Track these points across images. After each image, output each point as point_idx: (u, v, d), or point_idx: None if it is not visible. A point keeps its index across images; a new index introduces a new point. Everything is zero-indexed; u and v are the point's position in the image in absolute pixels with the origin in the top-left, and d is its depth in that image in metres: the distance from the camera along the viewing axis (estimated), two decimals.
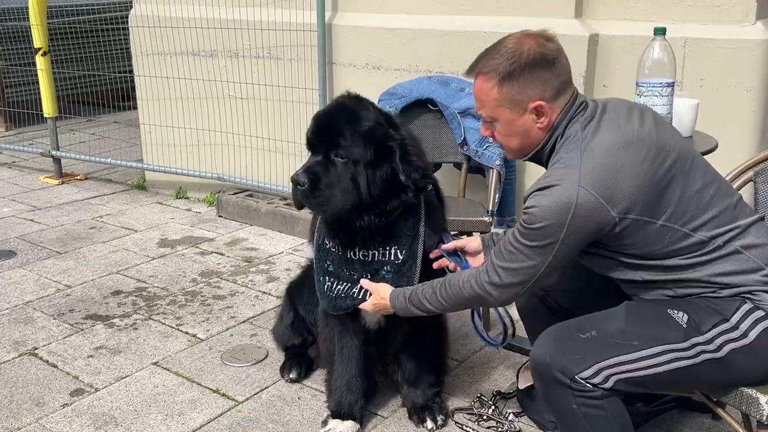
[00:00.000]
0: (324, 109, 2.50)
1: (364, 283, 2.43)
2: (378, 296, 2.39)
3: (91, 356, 3.15)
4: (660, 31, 2.60)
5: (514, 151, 2.12)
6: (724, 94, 3.34)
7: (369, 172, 2.32)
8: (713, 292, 1.97)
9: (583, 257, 2.07)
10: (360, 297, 2.46)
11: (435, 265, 2.44)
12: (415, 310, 2.29)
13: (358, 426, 2.62)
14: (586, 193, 1.86)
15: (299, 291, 2.97)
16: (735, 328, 1.91)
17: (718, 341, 1.91)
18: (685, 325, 1.93)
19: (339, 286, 2.50)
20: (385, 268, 2.46)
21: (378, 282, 2.43)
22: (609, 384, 1.93)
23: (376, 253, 2.46)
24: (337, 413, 2.63)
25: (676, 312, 1.96)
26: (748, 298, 1.93)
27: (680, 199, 1.93)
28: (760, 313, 1.91)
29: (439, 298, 2.21)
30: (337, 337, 2.62)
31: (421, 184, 2.37)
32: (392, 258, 2.45)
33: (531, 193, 1.97)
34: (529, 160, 2.13)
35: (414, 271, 2.46)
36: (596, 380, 1.93)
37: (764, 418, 1.90)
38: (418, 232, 2.45)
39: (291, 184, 2.38)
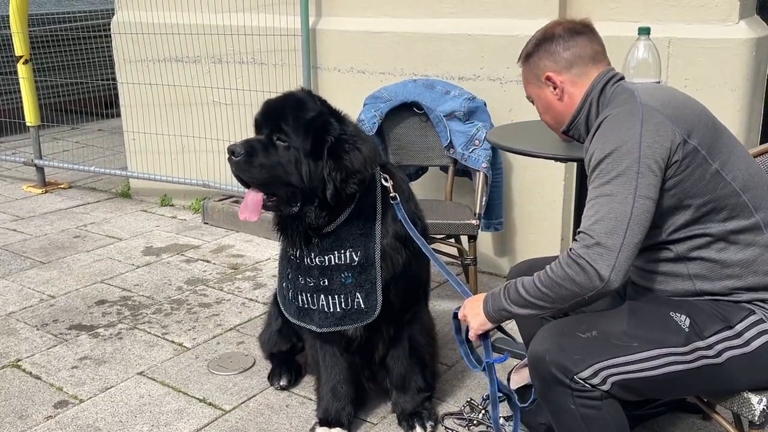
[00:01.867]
0: (275, 97, 2.48)
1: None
2: (473, 313, 2.16)
3: (76, 367, 3.11)
4: (644, 31, 2.60)
5: (551, 125, 2.21)
6: (709, 94, 3.34)
7: (309, 161, 2.31)
8: (728, 294, 1.93)
9: None
10: (313, 307, 2.47)
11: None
12: (516, 308, 1.99)
13: None
14: (650, 108, 1.87)
15: None
16: (738, 336, 1.88)
17: (719, 347, 1.88)
18: (687, 329, 1.90)
19: (300, 296, 2.50)
20: (343, 273, 2.43)
21: (336, 286, 2.43)
22: (607, 386, 1.90)
23: (332, 257, 2.42)
24: (325, 420, 2.60)
25: (678, 315, 1.93)
26: (760, 307, 1.90)
27: (731, 155, 1.92)
28: (766, 326, 1.89)
29: (537, 285, 1.93)
30: (319, 344, 2.59)
31: (341, 186, 2.31)
32: (348, 261, 2.41)
33: (591, 138, 1.96)
34: (569, 134, 2.16)
35: (374, 274, 2.41)
36: (594, 381, 1.90)
37: (756, 418, 1.88)
38: (372, 232, 2.41)
39: (226, 153, 2.34)
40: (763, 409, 1.87)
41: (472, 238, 3.34)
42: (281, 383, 2.89)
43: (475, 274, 3.36)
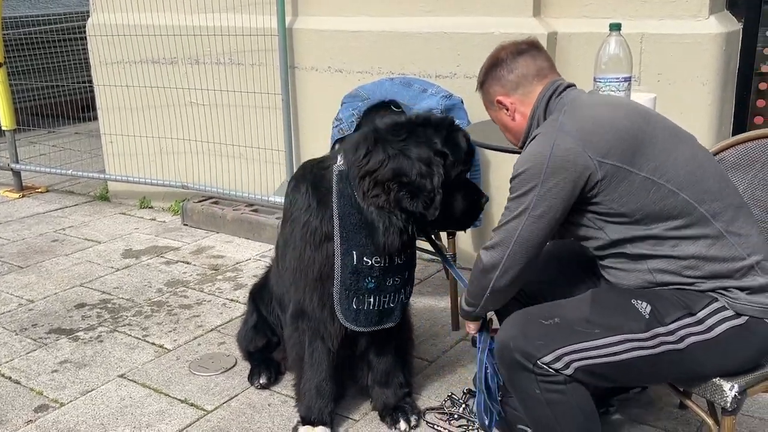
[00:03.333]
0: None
1: None
2: None
3: (56, 371, 3.09)
4: (615, 27, 2.63)
5: (513, 144, 2.33)
6: (680, 88, 3.39)
7: None
8: (691, 284, 1.97)
9: (571, 224, 2.08)
10: (393, 305, 2.53)
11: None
12: (465, 306, 2.30)
13: (329, 431, 2.60)
14: (563, 136, 1.95)
15: (261, 293, 2.95)
16: (700, 322, 1.92)
17: (680, 333, 1.92)
18: (647, 316, 1.95)
19: (379, 300, 2.50)
20: (408, 270, 2.57)
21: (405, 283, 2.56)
22: (570, 371, 1.95)
23: (406, 253, 2.53)
24: (308, 419, 2.61)
25: (639, 302, 1.98)
26: (723, 294, 1.94)
27: (666, 158, 1.96)
28: (729, 313, 1.92)
29: (469, 282, 2.25)
30: (308, 341, 2.59)
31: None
32: (410, 257, 2.56)
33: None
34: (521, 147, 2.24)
35: (413, 270, 2.64)
36: (557, 365, 1.95)
37: (728, 405, 1.92)
38: None
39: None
40: (735, 395, 1.91)
41: (451, 235, 3.37)
42: (261, 381, 2.90)
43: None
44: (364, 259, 2.41)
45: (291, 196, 2.55)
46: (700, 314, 1.93)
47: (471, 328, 2.39)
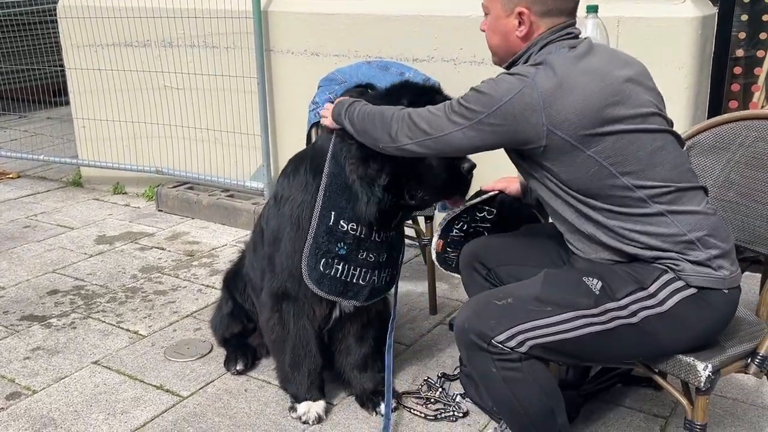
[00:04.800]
0: None
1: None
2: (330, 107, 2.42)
3: (28, 358, 3.04)
4: (592, 9, 2.63)
5: (493, 49, 2.18)
6: (656, 72, 3.32)
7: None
8: (636, 254, 1.98)
9: (527, 178, 2.13)
10: (362, 282, 2.49)
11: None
12: (345, 119, 2.30)
13: (326, 405, 2.63)
14: (531, 90, 1.90)
15: (235, 279, 2.92)
16: (652, 296, 1.93)
17: (633, 308, 1.94)
18: (597, 292, 1.96)
19: (348, 271, 2.46)
20: (394, 249, 2.55)
21: (389, 261, 2.53)
22: (524, 348, 1.98)
23: (392, 233, 2.51)
24: (302, 396, 2.61)
25: (590, 279, 2.00)
26: (670, 268, 1.95)
27: (620, 143, 1.93)
28: (679, 284, 1.93)
29: (369, 113, 2.22)
30: (293, 320, 2.56)
31: None
32: (396, 236, 2.56)
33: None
34: (506, 68, 2.14)
35: (400, 249, 2.65)
36: (511, 344, 1.98)
37: (702, 384, 1.94)
38: None
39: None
40: (709, 375, 1.92)
41: (429, 219, 3.35)
42: (238, 368, 2.88)
43: (431, 255, 3.37)
44: (341, 222, 2.41)
45: (290, 177, 2.52)
46: (652, 288, 1.94)
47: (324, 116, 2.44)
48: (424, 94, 2.37)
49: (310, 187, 2.44)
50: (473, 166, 2.35)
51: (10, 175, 5.69)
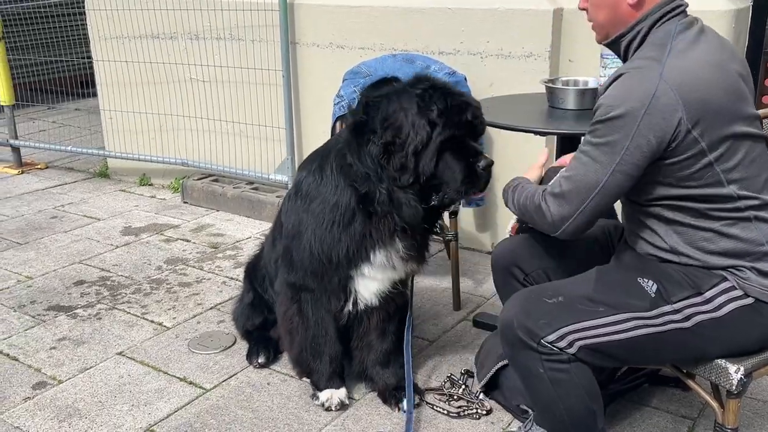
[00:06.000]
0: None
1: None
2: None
3: (54, 348, 3.07)
4: None
5: (599, 25, 2.03)
6: None
7: None
8: (701, 259, 1.93)
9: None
10: None
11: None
12: (506, 197, 2.24)
13: (347, 392, 2.65)
14: (666, 87, 1.78)
15: (255, 271, 2.94)
16: (708, 301, 1.89)
17: (687, 312, 1.89)
18: (653, 295, 1.91)
19: None
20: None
21: None
22: (573, 349, 1.92)
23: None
24: (323, 384, 2.63)
25: (646, 281, 1.94)
26: (733, 273, 1.90)
27: (736, 145, 1.86)
28: (738, 293, 1.89)
29: (518, 196, 2.15)
30: (312, 311, 2.57)
31: None
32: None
33: (606, 86, 1.91)
34: (609, 45, 2.04)
35: None
36: (561, 344, 1.92)
37: (733, 387, 1.89)
38: None
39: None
40: (740, 378, 1.88)
41: (453, 214, 3.33)
42: (260, 361, 2.88)
43: (456, 250, 3.35)
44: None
45: (315, 174, 2.47)
46: (708, 293, 1.89)
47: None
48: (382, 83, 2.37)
49: (342, 189, 2.39)
50: (490, 163, 2.31)
51: (39, 166, 5.76)
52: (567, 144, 2.77)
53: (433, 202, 2.36)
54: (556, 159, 2.82)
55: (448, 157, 2.28)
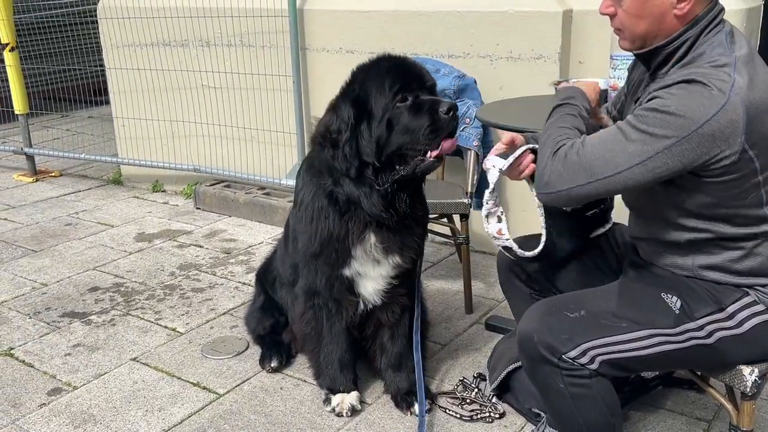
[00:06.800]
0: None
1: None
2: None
3: (69, 354, 3.10)
4: None
5: (636, 36, 1.87)
6: None
7: None
8: (724, 279, 1.90)
9: (649, 190, 1.87)
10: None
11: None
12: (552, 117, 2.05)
13: (359, 395, 2.66)
14: (737, 102, 1.66)
15: (266, 274, 2.97)
16: (730, 317, 1.87)
17: (709, 328, 1.87)
18: (677, 311, 1.89)
19: None
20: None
21: None
22: (595, 365, 1.89)
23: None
24: (336, 389, 2.64)
25: (669, 296, 1.91)
26: (756, 290, 1.88)
27: None
28: (760, 307, 1.87)
29: (557, 123, 1.98)
30: (325, 316, 2.60)
31: None
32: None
33: (664, 86, 1.76)
34: (640, 55, 1.91)
35: None
36: (583, 360, 1.89)
37: (748, 389, 1.88)
38: None
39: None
40: (755, 380, 1.87)
41: (464, 217, 3.32)
42: (272, 365, 2.89)
43: (467, 253, 3.34)
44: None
45: (304, 177, 2.52)
46: (730, 309, 1.87)
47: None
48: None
49: (315, 194, 2.43)
50: (452, 105, 2.20)
51: (53, 174, 5.81)
52: None
53: (399, 174, 2.27)
54: None
55: (403, 120, 2.23)
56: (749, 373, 1.87)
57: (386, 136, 2.24)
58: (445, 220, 3.44)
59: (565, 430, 2.05)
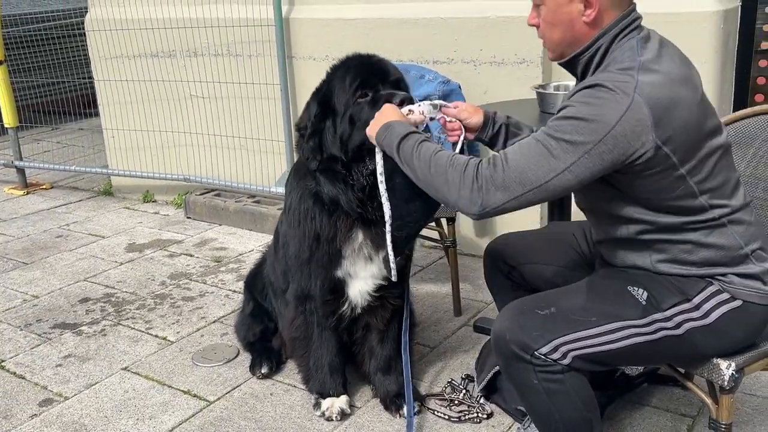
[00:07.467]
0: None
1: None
2: (378, 121, 2.14)
3: (60, 365, 3.11)
4: None
5: (554, 44, 1.98)
6: None
7: None
8: (683, 272, 1.94)
9: (590, 191, 1.96)
10: None
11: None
12: (398, 156, 2.03)
13: (348, 399, 2.68)
14: (640, 102, 1.74)
15: (255, 281, 2.99)
16: (697, 308, 1.90)
17: (678, 319, 1.90)
18: (644, 302, 1.92)
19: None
20: None
21: None
22: (567, 360, 1.92)
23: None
24: (325, 393, 2.66)
25: (636, 289, 1.95)
26: (718, 280, 1.92)
27: (707, 156, 1.86)
28: (725, 296, 1.90)
29: (430, 161, 1.95)
30: (316, 321, 2.62)
31: None
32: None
33: (576, 91, 1.85)
34: (565, 65, 2.00)
35: None
36: (555, 356, 1.92)
37: (726, 383, 1.91)
38: None
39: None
40: (732, 374, 1.89)
41: (451, 221, 3.35)
42: (263, 371, 2.91)
43: (455, 256, 3.37)
44: None
45: (292, 182, 2.55)
46: (696, 299, 1.90)
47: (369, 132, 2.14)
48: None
49: (301, 197, 2.47)
50: (404, 98, 2.21)
51: (44, 186, 5.82)
52: None
53: (368, 168, 2.29)
54: None
55: (363, 115, 2.25)
56: (726, 368, 1.90)
57: (349, 131, 2.29)
58: (433, 224, 3.47)
59: (542, 426, 2.08)
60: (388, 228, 2.23)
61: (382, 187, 2.19)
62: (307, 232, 2.45)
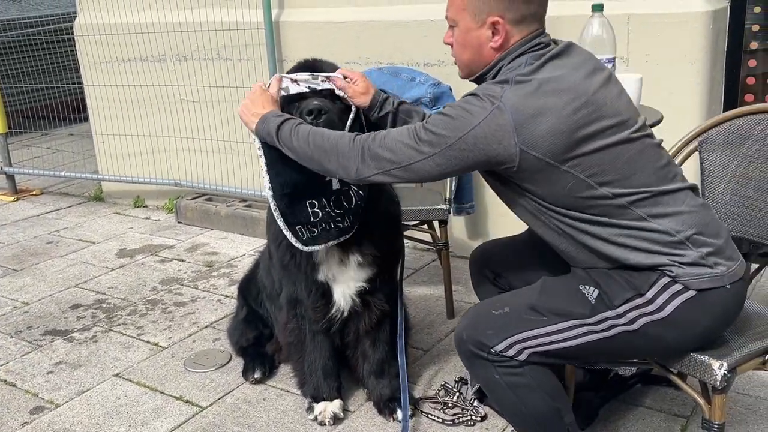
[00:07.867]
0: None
1: None
2: (250, 112, 2.32)
3: (51, 372, 3.09)
4: (597, 8, 2.61)
5: (464, 64, 2.11)
6: (668, 68, 3.36)
7: None
8: (629, 259, 1.94)
9: (512, 205, 2.09)
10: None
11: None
12: (278, 142, 2.19)
13: (342, 403, 2.67)
14: (503, 109, 1.86)
15: (249, 286, 2.98)
16: (650, 302, 1.90)
17: (631, 315, 1.91)
18: (593, 301, 1.95)
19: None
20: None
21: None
22: (523, 356, 1.98)
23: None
24: (319, 397, 2.66)
25: (587, 287, 1.98)
26: (665, 274, 1.91)
27: (593, 156, 1.89)
28: (677, 287, 1.89)
29: (307, 137, 2.11)
30: (308, 325, 2.63)
31: None
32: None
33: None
34: (475, 81, 2.10)
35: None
36: (510, 353, 1.98)
37: (717, 383, 1.91)
38: None
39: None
40: (724, 373, 1.89)
41: (443, 223, 3.35)
42: (255, 376, 2.90)
43: (447, 259, 3.37)
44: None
45: None
46: (649, 294, 1.91)
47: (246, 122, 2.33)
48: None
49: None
50: (314, 108, 2.28)
51: (34, 192, 5.79)
52: None
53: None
54: None
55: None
56: (718, 367, 1.90)
57: None
58: (425, 226, 3.47)
59: (514, 421, 2.14)
60: (270, 197, 2.36)
61: (261, 161, 2.35)
62: (279, 237, 2.46)
